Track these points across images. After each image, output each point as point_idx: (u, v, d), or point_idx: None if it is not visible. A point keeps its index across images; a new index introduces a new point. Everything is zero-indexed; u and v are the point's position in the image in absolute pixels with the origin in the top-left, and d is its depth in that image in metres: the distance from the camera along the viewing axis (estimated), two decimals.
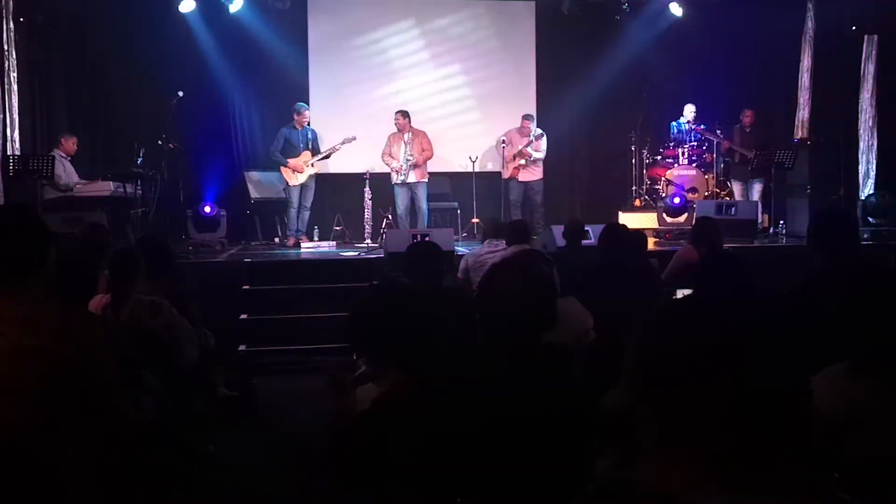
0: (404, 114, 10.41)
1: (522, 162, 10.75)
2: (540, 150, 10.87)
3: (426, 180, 10.46)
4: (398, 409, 2.10)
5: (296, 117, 10.25)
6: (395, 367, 2.21)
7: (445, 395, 2.14)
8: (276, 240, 10.67)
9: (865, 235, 9.41)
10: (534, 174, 10.89)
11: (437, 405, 2.10)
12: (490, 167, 11.45)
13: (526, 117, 10.87)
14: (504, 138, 10.87)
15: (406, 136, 10.32)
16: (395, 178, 10.33)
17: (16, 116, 9.56)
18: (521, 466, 2.10)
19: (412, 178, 10.31)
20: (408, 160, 10.23)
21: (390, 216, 10.43)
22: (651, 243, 8.95)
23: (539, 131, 10.85)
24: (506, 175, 10.87)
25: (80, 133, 10.00)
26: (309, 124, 10.43)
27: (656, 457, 1.08)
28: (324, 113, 11.22)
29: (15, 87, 9.60)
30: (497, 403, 2.17)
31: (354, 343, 2.29)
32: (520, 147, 10.73)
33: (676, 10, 11.33)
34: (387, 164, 10.37)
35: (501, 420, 2.14)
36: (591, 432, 2.31)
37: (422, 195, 10.39)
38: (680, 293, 5.34)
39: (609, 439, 2.38)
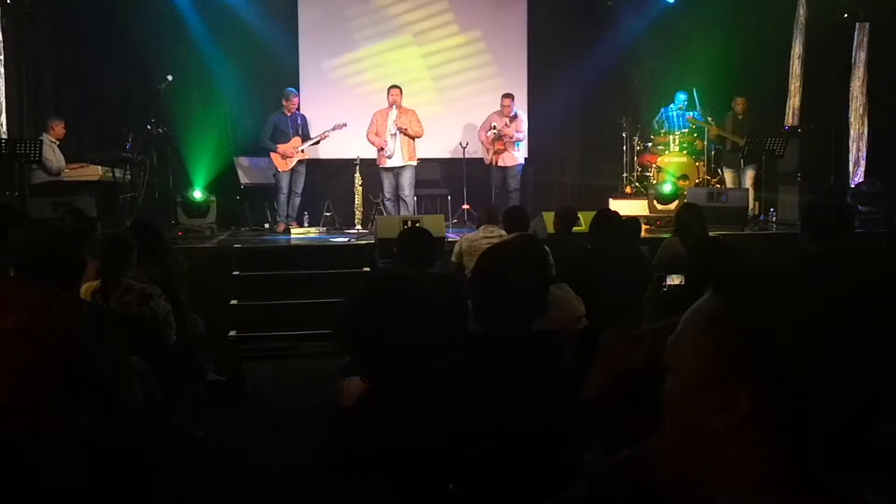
0: (400, 89, 10.10)
1: (501, 147, 10.42)
2: (520, 130, 10.52)
3: (415, 163, 10.14)
4: (387, 406, 2.08)
5: (284, 103, 10.17)
6: (381, 375, 2.18)
7: (435, 386, 2.12)
8: (266, 225, 10.62)
9: (856, 223, 9.43)
10: (514, 159, 10.55)
11: (427, 397, 2.09)
12: (480, 153, 11.41)
13: (506, 96, 10.54)
14: (485, 123, 10.65)
15: (393, 110, 9.99)
16: (382, 161, 10.05)
17: (2, 100, 9.49)
18: (514, 453, 2.09)
19: (399, 160, 9.99)
20: (393, 134, 9.93)
21: (380, 202, 10.38)
22: (642, 230, 8.94)
23: (514, 112, 10.47)
24: (487, 161, 10.58)
25: (69, 117, 9.91)
26: (298, 109, 10.37)
27: (710, 448, 1.01)
28: (313, 98, 11.17)
29: (2, 70, 9.53)
30: (488, 391, 2.16)
31: (344, 345, 2.26)
32: (497, 128, 10.37)
33: None
34: (371, 143, 10.05)
35: (493, 408, 2.13)
36: (581, 419, 2.31)
37: (407, 181, 10.08)
38: (670, 280, 5.34)
39: (593, 428, 2.37)
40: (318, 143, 10.34)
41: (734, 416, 0.97)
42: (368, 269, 8.11)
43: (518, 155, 10.62)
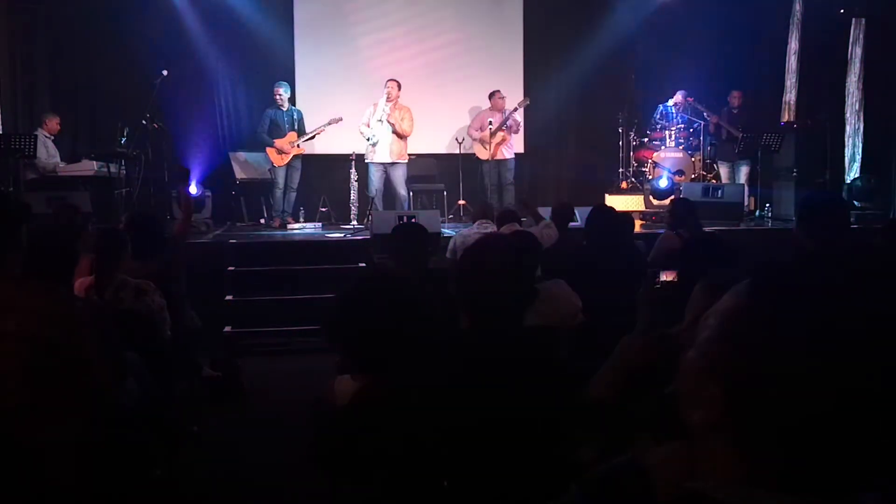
0: (397, 83, 10.02)
1: (499, 136, 10.30)
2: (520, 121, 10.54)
3: (405, 161, 10.06)
4: (380, 405, 2.08)
5: (275, 97, 10.14)
6: (373, 372, 2.17)
7: (429, 383, 2.12)
8: (262, 221, 10.61)
9: (851, 219, 9.43)
10: (510, 152, 10.55)
11: (421, 394, 2.08)
12: (475, 149, 11.38)
13: (495, 92, 10.52)
14: (475, 122, 10.64)
15: (383, 100, 9.88)
16: (368, 156, 9.97)
17: None
18: (508, 449, 2.09)
19: (387, 157, 9.88)
20: (379, 120, 9.79)
21: (375, 198, 10.34)
22: (637, 226, 8.95)
23: (514, 105, 10.46)
24: (485, 156, 10.43)
25: (63, 112, 9.89)
26: (294, 104, 10.34)
27: (697, 442, 0.98)
28: (310, 93, 11.14)
29: None
30: (481, 387, 2.15)
31: (337, 341, 2.25)
32: (500, 124, 10.29)
33: None
34: (361, 133, 9.94)
35: (486, 404, 2.12)
36: (577, 415, 2.31)
37: (398, 179, 9.99)
38: (663, 276, 5.36)
39: (593, 427, 2.36)
40: (313, 138, 10.32)
41: (713, 412, 0.95)
42: (364, 264, 8.10)
43: (509, 149, 10.60)
